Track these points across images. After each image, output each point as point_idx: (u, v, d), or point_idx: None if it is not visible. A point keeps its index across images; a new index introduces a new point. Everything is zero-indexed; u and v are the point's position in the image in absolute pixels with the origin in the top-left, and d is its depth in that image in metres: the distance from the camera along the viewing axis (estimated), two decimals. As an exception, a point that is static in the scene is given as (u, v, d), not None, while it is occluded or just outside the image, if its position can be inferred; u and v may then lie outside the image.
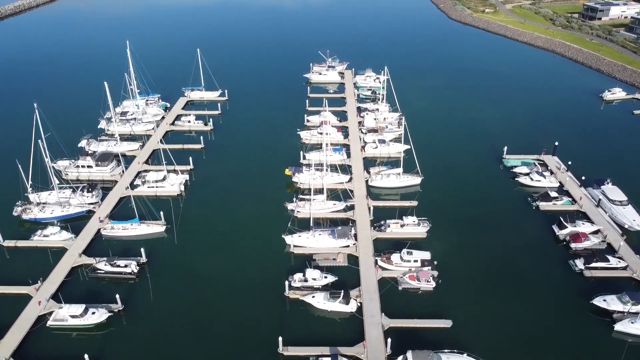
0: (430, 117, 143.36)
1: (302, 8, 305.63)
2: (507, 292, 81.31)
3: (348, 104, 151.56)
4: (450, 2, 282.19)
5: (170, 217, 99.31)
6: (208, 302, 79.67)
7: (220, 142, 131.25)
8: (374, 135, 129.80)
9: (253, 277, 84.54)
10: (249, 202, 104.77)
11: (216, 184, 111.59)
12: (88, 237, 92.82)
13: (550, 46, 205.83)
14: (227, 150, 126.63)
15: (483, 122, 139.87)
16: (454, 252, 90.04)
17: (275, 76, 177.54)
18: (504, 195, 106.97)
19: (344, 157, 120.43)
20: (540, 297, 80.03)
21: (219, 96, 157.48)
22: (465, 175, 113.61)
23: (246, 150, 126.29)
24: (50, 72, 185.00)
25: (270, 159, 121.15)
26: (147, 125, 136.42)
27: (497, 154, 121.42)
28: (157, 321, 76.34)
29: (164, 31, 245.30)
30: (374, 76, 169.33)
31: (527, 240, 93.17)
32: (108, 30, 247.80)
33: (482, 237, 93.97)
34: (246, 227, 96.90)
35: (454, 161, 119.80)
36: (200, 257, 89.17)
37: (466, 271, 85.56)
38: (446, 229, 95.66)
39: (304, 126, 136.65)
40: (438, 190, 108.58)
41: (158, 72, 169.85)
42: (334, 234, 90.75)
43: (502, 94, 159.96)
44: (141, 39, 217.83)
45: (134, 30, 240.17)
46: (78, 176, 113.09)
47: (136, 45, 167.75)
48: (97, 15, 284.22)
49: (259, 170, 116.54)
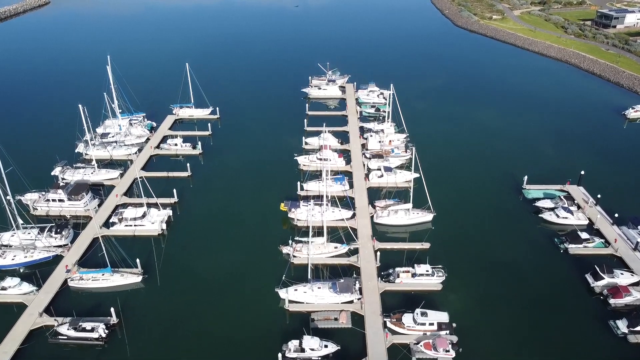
0: (439, 139, 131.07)
1: (299, 18, 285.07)
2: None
3: (350, 123, 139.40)
4: (456, 8, 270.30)
5: (148, 263, 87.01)
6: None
7: (209, 168, 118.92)
8: (378, 161, 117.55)
9: (242, 342, 72.17)
10: (239, 244, 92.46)
11: (202, 221, 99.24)
12: (52, 290, 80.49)
13: (563, 56, 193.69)
14: (217, 178, 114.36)
15: (498, 145, 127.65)
16: (474, 309, 77.79)
17: (271, 91, 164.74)
18: (527, 235, 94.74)
19: (345, 187, 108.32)
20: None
21: (210, 114, 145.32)
22: (482, 210, 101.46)
23: (238, 178, 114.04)
24: (24, 88, 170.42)
25: (264, 190, 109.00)
26: (129, 149, 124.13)
27: (516, 183, 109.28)
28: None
29: (150, 44, 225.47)
30: (377, 91, 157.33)
31: (558, 292, 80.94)
32: (89, 42, 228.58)
33: (506, 288, 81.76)
34: (235, 277, 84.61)
35: (469, 192, 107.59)
36: (180, 316, 76.84)
37: (490, 334, 73.33)
38: (464, 279, 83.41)
39: (301, 149, 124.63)
40: (452, 228, 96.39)
41: (143, 88, 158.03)
42: (336, 287, 78.54)
43: (517, 111, 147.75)
44: (124, 52, 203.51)
45: (116, 43, 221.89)
46: (48, 211, 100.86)
47: (119, 59, 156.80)
48: (78, 27, 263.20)
49: (252, 204, 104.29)
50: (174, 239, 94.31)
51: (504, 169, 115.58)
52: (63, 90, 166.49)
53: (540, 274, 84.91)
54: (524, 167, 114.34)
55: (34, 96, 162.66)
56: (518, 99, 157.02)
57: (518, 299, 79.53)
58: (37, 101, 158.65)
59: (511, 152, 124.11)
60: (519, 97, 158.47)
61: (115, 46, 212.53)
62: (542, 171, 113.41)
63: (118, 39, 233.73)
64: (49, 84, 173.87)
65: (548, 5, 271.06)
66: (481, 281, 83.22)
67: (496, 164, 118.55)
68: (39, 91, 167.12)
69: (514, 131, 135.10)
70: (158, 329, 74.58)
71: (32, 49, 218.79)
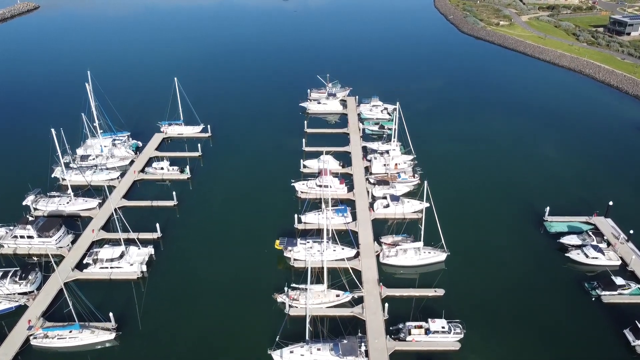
0: (449, 162, 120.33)
1: (297, 25, 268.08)
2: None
3: (352, 143, 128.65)
4: (461, 13, 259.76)
5: (124, 315, 76.29)
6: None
7: (198, 195, 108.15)
8: (384, 188, 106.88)
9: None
10: (228, 291, 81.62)
11: (186, 262, 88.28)
12: (11, 352, 69.69)
13: (577, 66, 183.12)
14: (205, 208, 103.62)
15: (515, 169, 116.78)
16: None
17: (267, 106, 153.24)
18: (553, 278, 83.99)
19: (348, 219, 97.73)
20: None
21: (201, 132, 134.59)
22: (501, 248, 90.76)
23: (228, 208, 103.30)
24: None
25: (258, 222, 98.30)
26: (110, 173, 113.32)
27: (537, 214, 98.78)
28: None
29: (136, 55, 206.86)
30: (380, 106, 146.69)
31: (593, 351, 70.35)
32: (72, 52, 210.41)
33: (533, 346, 71.11)
34: (224, 333, 73.78)
35: (485, 226, 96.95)
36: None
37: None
38: (484, 336, 72.70)
39: (299, 173, 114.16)
40: (468, 270, 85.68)
41: (129, 104, 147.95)
42: (338, 349, 67.90)
43: (532, 129, 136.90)
44: (109, 64, 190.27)
45: (100, 53, 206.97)
46: (15, 249, 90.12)
47: (103, 72, 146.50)
48: (65, 34, 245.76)
49: (243, 240, 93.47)
50: (155, 284, 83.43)
51: (523, 198, 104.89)
52: (41, 108, 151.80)
53: (572, 328, 74.22)
54: (544, 195, 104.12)
55: (8, 115, 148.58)
56: (532, 114, 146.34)
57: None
58: (10, 121, 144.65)
59: (530, 177, 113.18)
60: (534, 112, 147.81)
61: (99, 57, 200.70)
62: (565, 200, 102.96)
63: (102, 49, 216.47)
64: (27, 101, 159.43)
65: (557, 11, 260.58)
66: (504, 337, 72.54)
67: (514, 191, 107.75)
68: (13, 109, 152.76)
69: (531, 153, 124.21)
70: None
71: (12, 60, 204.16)
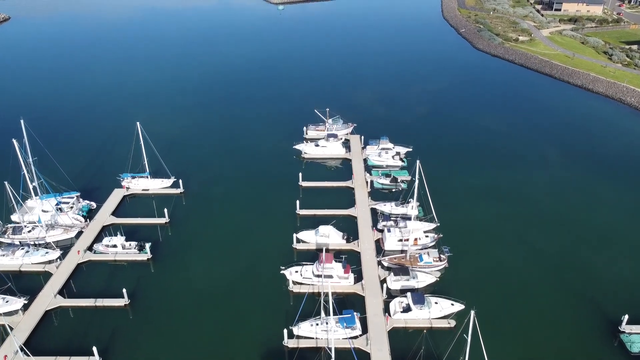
0: (480, 236, 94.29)
1: (289, 45, 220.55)
2: None
3: (358, 203, 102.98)
4: (474, 26, 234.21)
5: None
6: None
7: (157, 289, 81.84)
8: (402, 279, 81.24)
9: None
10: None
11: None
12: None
13: (615, 93, 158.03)
14: (166, 308, 77.74)
15: (574, 251, 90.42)
16: None
17: (254, 151, 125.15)
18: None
19: (357, 331, 72.25)
20: None
21: (172, 187, 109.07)
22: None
23: (197, 310, 77.51)
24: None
25: (235, 336, 72.70)
26: (48, 254, 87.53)
27: (610, 323, 73.57)
28: None
29: (88, 98, 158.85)
30: (391, 149, 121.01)
31: None
32: (18, 86, 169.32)
33: None
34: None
35: (542, 337, 71.59)
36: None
37: None
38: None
39: (291, 251, 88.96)
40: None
41: (80, 157, 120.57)
42: None
43: (583, 185, 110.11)
44: (48, 111, 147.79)
45: (47, 91, 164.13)
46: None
47: (39, 120, 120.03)
48: (27, 53, 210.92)
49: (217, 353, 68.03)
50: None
51: (591, 298, 79.06)
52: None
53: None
54: (619, 294, 78.54)
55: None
56: (577, 160, 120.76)
57: None
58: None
59: (596, 261, 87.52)
60: (577, 157, 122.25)
61: (45, 94, 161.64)
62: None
63: (48, 86, 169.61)
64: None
65: (581, 24, 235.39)
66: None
67: (576, 287, 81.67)
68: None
69: (596, 229, 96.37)
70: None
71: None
